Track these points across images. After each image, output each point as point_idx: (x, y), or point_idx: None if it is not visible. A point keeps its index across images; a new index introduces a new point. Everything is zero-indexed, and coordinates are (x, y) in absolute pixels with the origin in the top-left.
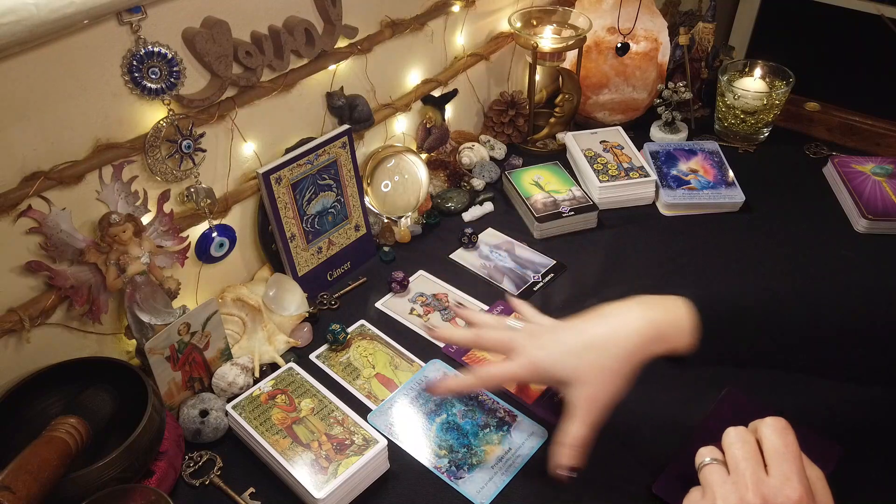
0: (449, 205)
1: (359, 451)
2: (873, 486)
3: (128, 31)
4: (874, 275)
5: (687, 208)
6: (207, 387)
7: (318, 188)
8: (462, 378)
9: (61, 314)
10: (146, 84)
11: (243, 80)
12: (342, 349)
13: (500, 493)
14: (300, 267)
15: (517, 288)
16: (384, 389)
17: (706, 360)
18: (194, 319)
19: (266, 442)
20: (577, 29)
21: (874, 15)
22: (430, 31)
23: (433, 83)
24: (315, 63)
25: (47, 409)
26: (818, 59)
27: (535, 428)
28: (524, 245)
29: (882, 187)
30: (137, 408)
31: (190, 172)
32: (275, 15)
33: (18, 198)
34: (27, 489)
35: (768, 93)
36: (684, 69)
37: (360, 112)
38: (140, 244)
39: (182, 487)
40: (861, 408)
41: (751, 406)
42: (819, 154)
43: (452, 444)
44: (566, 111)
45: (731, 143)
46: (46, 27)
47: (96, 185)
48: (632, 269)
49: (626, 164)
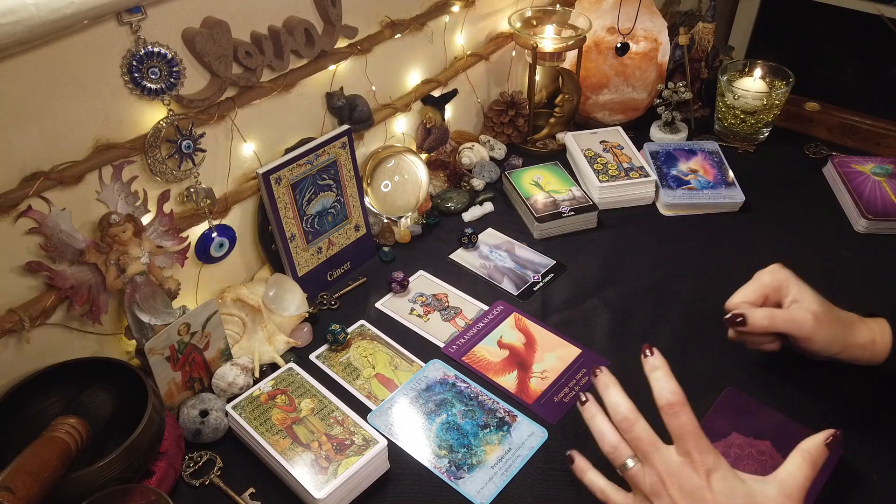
0: (449, 205)
1: (359, 452)
2: (873, 485)
3: (127, 31)
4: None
5: (687, 208)
6: (207, 387)
7: (317, 188)
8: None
9: (61, 314)
10: (146, 84)
11: (243, 80)
12: (342, 349)
13: (500, 493)
14: (300, 267)
15: (517, 288)
16: (384, 389)
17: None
18: (194, 319)
19: (266, 442)
20: (576, 29)
21: (874, 15)
22: (429, 31)
23: (433, 83)
24: (315, 63)
25: (47, 409)
26: (818, 59)
27: (535, 428)
28: (524, 245)
29: (882, 187)
30: (137, 408)
31: (190, 173)
32: (275, 15)
33: (18, 198)
34: (27, 489)
35: (768, 93)
36: (684, 69)
37: (359, 112)
38: (140, 244)
39: (182, 487)
40: (861, 407)
41: (750, 406)
42: (819, 154)
43: (452, 444)
44: (566, 111)
45: (731, 143)
46: (46, 27)
47: (96, 185)
48: (632, 269)
49: (626, 164)
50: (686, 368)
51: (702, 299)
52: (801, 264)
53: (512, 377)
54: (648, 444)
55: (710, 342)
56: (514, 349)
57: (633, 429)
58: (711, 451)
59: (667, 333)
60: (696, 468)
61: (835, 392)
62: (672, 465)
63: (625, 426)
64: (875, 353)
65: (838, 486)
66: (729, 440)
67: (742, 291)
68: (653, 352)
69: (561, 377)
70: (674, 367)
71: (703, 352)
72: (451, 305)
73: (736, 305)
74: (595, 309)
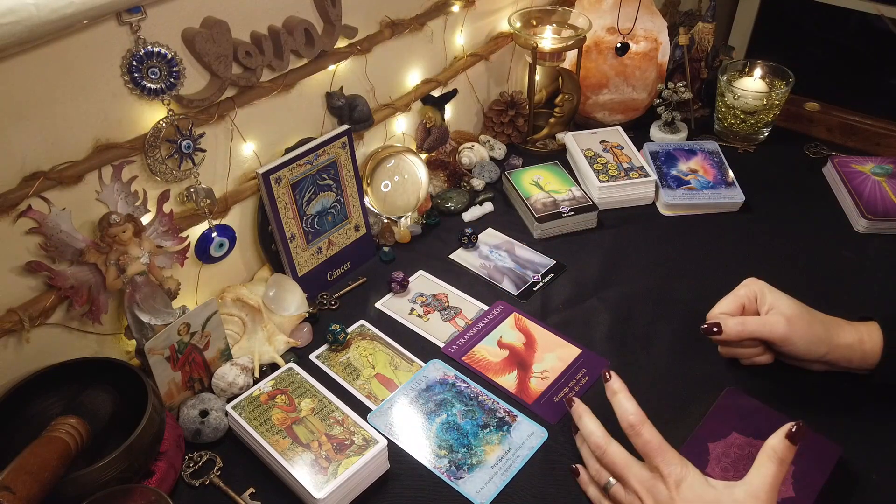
0: (449, 205)
1: (359, 452)
2: (873, 485)
3: (127, 31)
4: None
5: (687, 208)
6: (207, 387)
7: (317, 188)
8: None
9: (61, 314)
10: (146, 84)
11: (243, 80)
12: (342, 349)
13: (500, 493)
14: (300, 267)
15: (517, 288)
16: (384, 389)
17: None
18: (194, 319)
19: (266, 442)
20: (576, 29)
21: (874, 15)
22: (429, 31)
23: (433, 83)
24: (315, 63)
25: (47, 409)
26: (818, 59)
27: (535, 428)
28: (524, 245)
29: (882, 187)
30: (137, 408)
31: (190, 172)
32: (274, 15)
33: (18, 198)
34: (27, 489)
35: (768, 93)
36: (684, 69)
37: (359, 112)
38: (140, 244)
39: (182, 487)
40: (861, 407)
41: (750, 406)
42: (819, 154)
43: (452, 444)
44: (566, 111)
45: (731, 143)
46: (46, 27)
47: (96, 185)
48: (632, 269)
49: (626, 164)
50: (686, 369)
51: (702, 299)
52: (801, 264)
53: (512, 377)
54: (622, 466)
55: (710, 342)
56: (514, 349)
57: (605, 455)
58: (678, 461)
59: (667, 333)
60: (665, 481)
61: (835, 392)
62: (645, 482)
63: (598, 453)
64: (865, 353)
65: (838, 486)
66: (729, 440)
67: (721, 303)
68: (611, 376)
69: (561, 377)
70: (674, 367)
71: (704, 352)
72: (451, 305)
73: (715, 317)
74: (595, 309)
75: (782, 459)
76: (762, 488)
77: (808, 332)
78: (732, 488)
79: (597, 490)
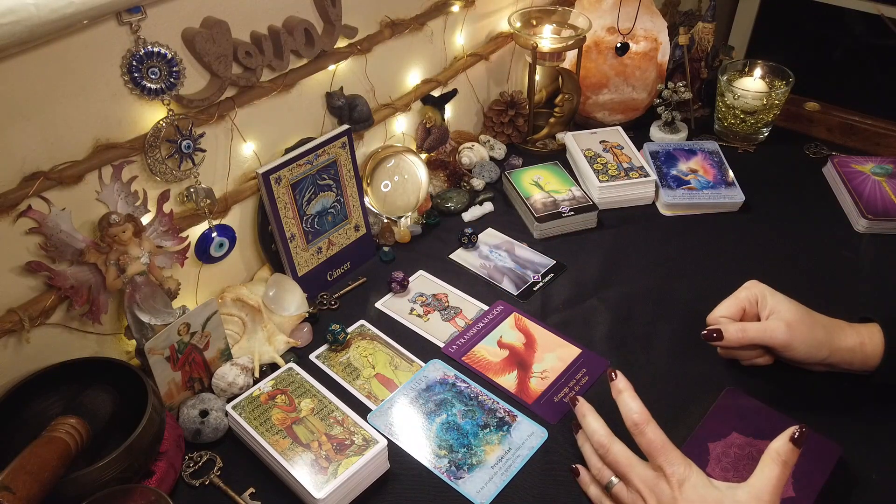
0: (449, 205)
1: (359, 452)
2: (873, 485)
3: (127, 31)
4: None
5: (687, 208)
6: (207, 387)
7: (317, 188)
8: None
9: (61, 314)
10: (146, 84)
11: (243, 80)
12: (342, 349)
13: (500, 493)
14: (300, 267)
15: (517, 288)
16: (384, 389)
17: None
18: (194, 319)
19: (266, 442)
20: (576, 29)
21: (874, 15)
22: (429, 31)
23: (433, 83)
24: (315, 63)
25: (47, 409)
26: (818, 59)
27: (535, 428)
28: (524, 245)
29: (882, 187)
30: (137, 408)
31: (190, 172)
32: (274, 15)
33: (18, 198)
34: (27, 489)
35: (768, 93)
36: (684, 69)
37: (359, 112)
38: (140, 244)
39: (182, 487)
40: (861, 407)
41: (750, 406)
42: (819, 154)
43: (452, 444)
44: (566, 111)
45: (731, 143)
46: (46, 27)
47: (96, 185)
48: (632, 269)
49: (626, 164)
50: (686, 368)
51: (702, 299)
52: (801, 264)
53: (512, 377)
54: (624, 465)
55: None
56: (513, 349)
57: (608, 453)
58: (682, 461)
59: (667, 333)
60: (668, 480)
61: (835, 391)
62: (648, 481)
63: (601, 452)
64: (866, 355)
65: (838, 486)
66: (729, 440)
67: (721, 307)
68: (617, 375)
69: (561, 377)
70: (674, 367)
71: (704, 352)
72: (450, 305)
73: (716, 320)
74: (595, 309)
75: (786, 462)
76: (765, 490)
77: (809, 337)
78: (735, 490)
79: (598, 490)
